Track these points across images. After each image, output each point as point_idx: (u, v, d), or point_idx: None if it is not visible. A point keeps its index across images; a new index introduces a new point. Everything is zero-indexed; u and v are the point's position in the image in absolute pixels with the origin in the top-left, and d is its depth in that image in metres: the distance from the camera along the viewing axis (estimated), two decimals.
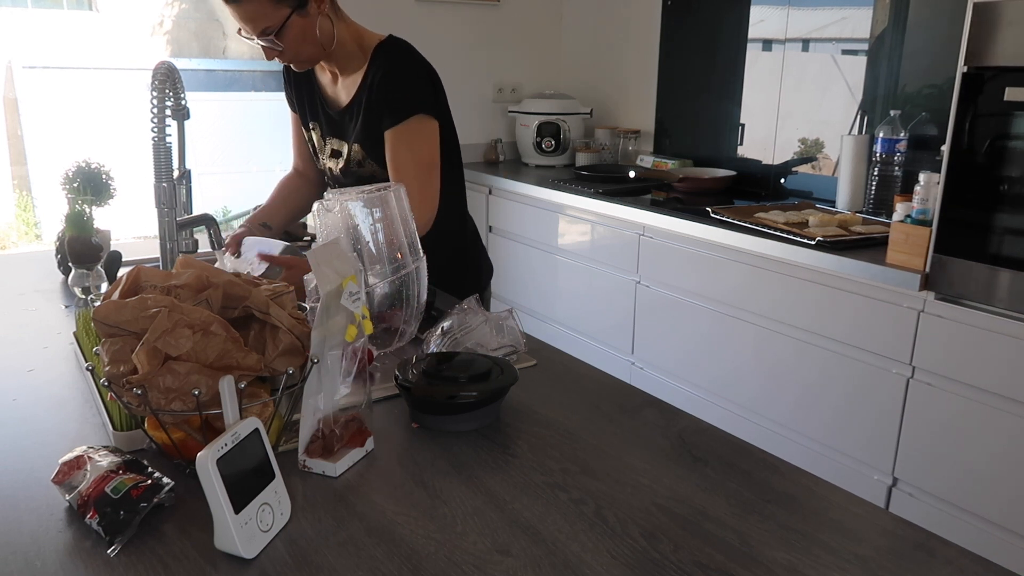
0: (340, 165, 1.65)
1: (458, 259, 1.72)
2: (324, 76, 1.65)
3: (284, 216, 1.78)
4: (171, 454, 0.88)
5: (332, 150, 1.65)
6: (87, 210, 1.51)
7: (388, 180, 1.55)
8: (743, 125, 2.91)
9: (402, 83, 1.51)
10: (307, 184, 1.81)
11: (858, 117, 2.50)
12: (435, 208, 1.55)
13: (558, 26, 3.73)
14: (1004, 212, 1.70)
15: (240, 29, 1.45)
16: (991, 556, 0.75)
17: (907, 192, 2.05)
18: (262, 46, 1.48)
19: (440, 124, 1.56)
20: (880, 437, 1.99)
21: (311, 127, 1.70)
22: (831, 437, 2.11)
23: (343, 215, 1.14)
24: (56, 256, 1.69)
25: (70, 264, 1.49)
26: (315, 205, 1.15)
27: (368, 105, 1.54)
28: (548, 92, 3.54)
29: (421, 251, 1.23)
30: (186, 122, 1.54)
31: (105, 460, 0.82)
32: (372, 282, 1.16)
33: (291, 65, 1.56)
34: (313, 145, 1.72)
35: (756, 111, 2.85)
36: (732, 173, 2.85)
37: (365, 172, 1.62)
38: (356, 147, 1.59)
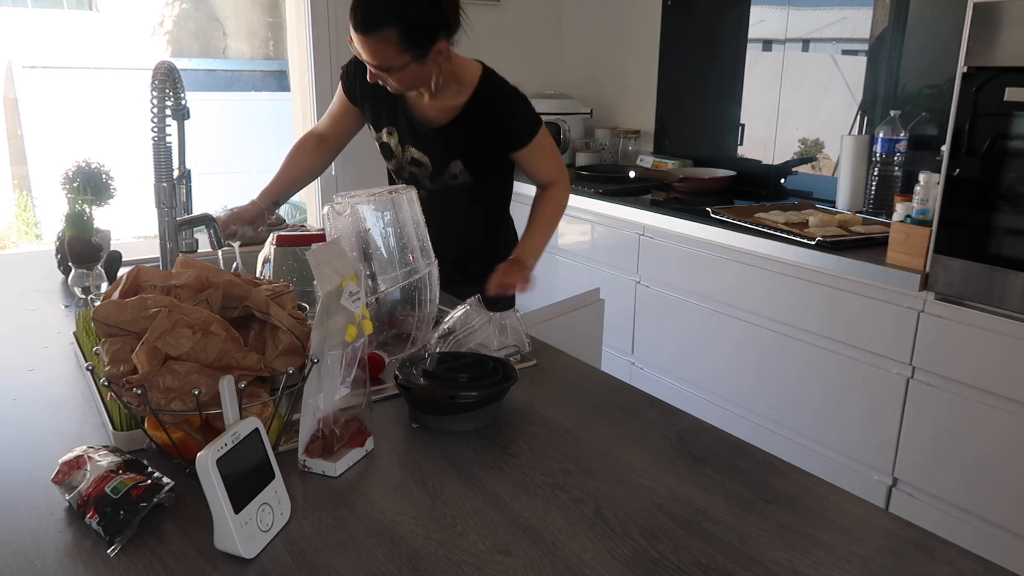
0: (427, 173, 1.71)
1: (494, 264, 1.72)
2: (412, 94, 1.66)
3: (294, 184, 1.81)
4: (171, 454, 0.88)
5: (413, 158, 1.71)
6: (87, 210, 1.51)
7: (473, 185, 1.70)
8: (743, 125, 2.91)
9: (523, 111, 1.66)
10: (323, 149, 1.82)
11: (858, 117, 2.50)
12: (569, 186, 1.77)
13: (558, 26, 3.73)
14: (1004, 212, 1.70)
15: (351, 41, 1.46)
16: (991, 556, 0.75)
17: (907, 192, 2.05)
18: (371, 71, 1.51)
19: None
20: (880, 437, 1.99)
21: (387, 130, 1.72)
22: (831, 437, 2.11)
23: (354, 218, 1.14)
24: (56, 256, 1.69)
25: (70, 264, 1.49)
26: (325, 208, 1.15)
27: (478, 126, 1.63)
28: (548, 92, 3.54)
29: (433, 255, 1.23)
30: (186, 122, 1.54)
31: (105, 460, 0.82)
32: (383, 287, 1.16)
33: (388, 87, 1.57)
34: (387, 148, 1.75)
35: (756, 111, 2.85)
36: (732, 173, 2.85)
37: (457, 183, 1.70)
38: (457, 163, 1.67)
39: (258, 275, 1.44)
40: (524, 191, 3.06)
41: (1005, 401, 1.73)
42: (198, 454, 0.72)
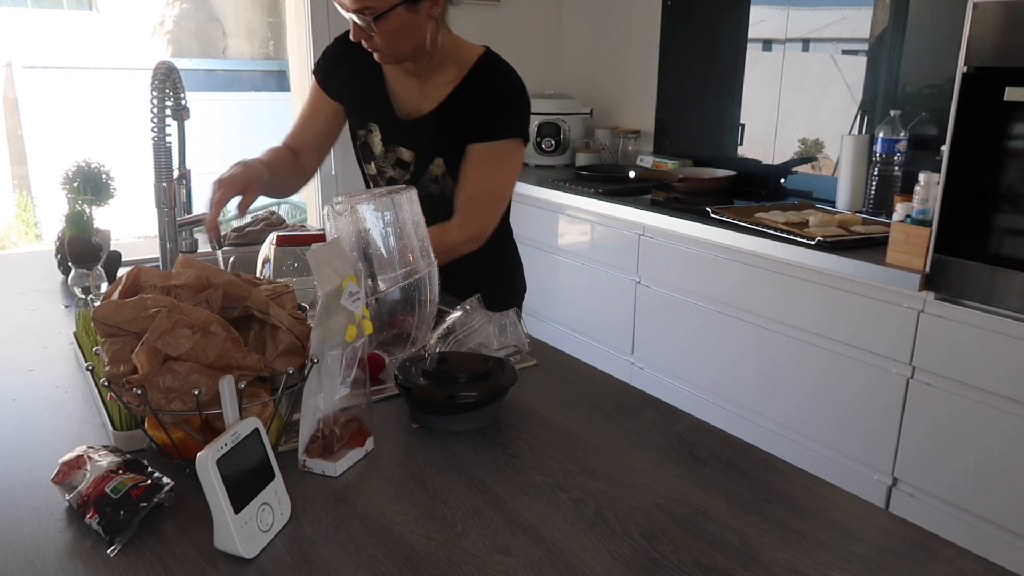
0: (407, 177, 1.54)
1: (493, 276, 1.65)
2: (399, 78, 1.53)
3: (271, 184, 1.49)
4: (171, 454, 0.88)
5: (398, 159, 1.54)
6: (87, 210, 1.51)
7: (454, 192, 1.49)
8: (743, 125, 2.91)
9: (512, 103, 1.45)
10: (295, 165, 1.60)
11: (858, 117, 2.50)
12: (481, 242, 1.48)
13: (558, 26, 3.73)
14: (1004, 212, 1.69)
15: None
16: (991, 556, 0.75)
17: (907, 192, 2.05)
18: (355, 23, 1.35)
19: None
20: (880, 437, 1.99)
21: (368, 127, 1.56)
22: (831, 437, 2.11)
23: (353, 219, 1.14)
24: (56, 256, 1.69)
25: (70, 264, 1.49)
26: (325, 208, 1.14)
27: (459, 115, 1.45)
28: (548, 92, 3.54)
29: (433, 255, 1.23)
30: (186, 122, 1.53)
31: (105, 460, 0.82)
32: (383, 287, 1.16)
33: (375, 55, 1.43)
34: (367, 148, 1.58)
35: (756, 111, 2.85)
36: (732, 173, 2.85)
37: (436, 191, 1.52)
38: (439, 161, 1.49)
39: (258, 275, 1.44)
40: (522, 191, 3.07)
41: (1005, 401, 1.73)
42: (198, 454, 0.72)
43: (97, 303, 1.30)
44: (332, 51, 1.60)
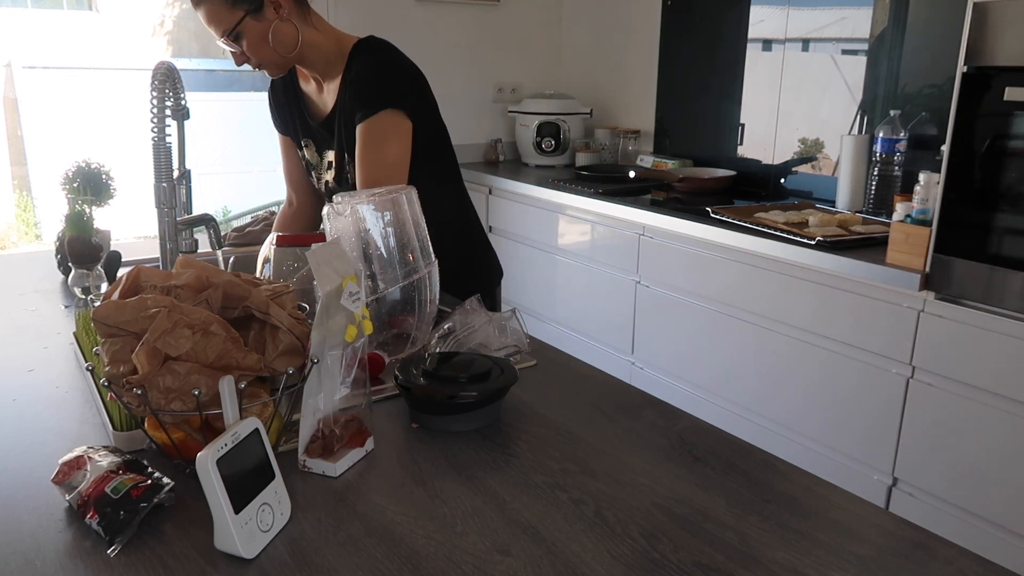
0: (335, 176, 1.61)
1: (462, 260, 1.68)
2: (309, 86, 1.62)
3: None
4: (171, 454, 0.88)
5: (328, 162, 1.61)
6: (87, 210, 1.51)
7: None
8: (743, 125, 2.91)
9: (375, 77, 1.47)
10: (302, 218, 1.77)
11: (858, 117, 2.50)
12: None
13: (558, 26, 3.73)
14: (1004, 212, 1.70)
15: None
16: (991, 556, 0.75)
17: (907, 192, 2.05)
18: (230, 52, 1.47)
19: (423, 122, 1.52)
20: (880, 437, 1.99)
21: (303, 144, 1.66)
22: (831, 437, 2.11)
23: (354, 219, 1.14)
24: (56, 256, 1.69)
25: (70, 264, 1.49)
26: (325, 209, 1.14)
27: (346, 105, 1.51)
28: (548, 92, 3.55)
29: (433, 255, 1.23)
30: (186, 122, 1.54)
31: (105, 460, 0.82)
32: (383, 287, 1.16)
33: (262, 70, 1.53)
34: (309, 164, 1.67)
35: (756, 111, 2.85)
36: (732, 173, 2.85)
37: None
38: (345, 155, 1.55)
39: (258, 275, 1.44)
40: (522, 191, 3.07)
41: (1005, 401, 1.73)
42: (198, 454, 0.72)
43: (97, 303, 1.31)
44: (270, 96, 1.71)
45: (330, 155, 1.61)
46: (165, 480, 0.81)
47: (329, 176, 1.63)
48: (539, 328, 3.13)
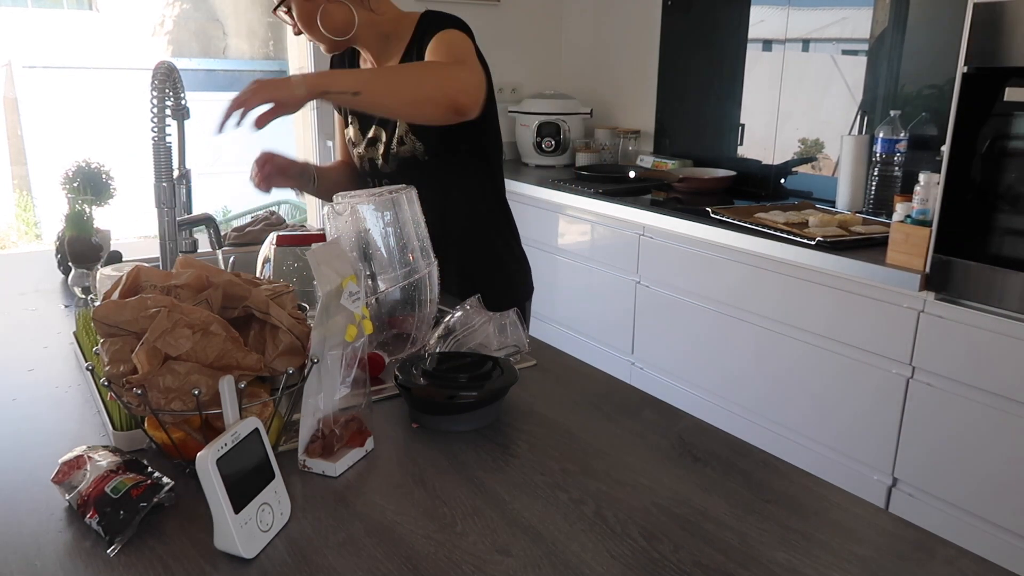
0: (381, 150, 1.60)
1: (493, 268, 1.67)
2: (366, 66, 1.61)
3: (335, 181, 1.68)
4: (171, 454, 0.88)
5: (371, 138, 1.61)
6: (87, 210, 1.51)
7: (428, 161, 1.53)
8: (743, 125, 2.91)
9: (447, 22, 1.45)
10: (350, 174, 1.74)
11: (858, 117, 2.50)
12: (479, 87, 1.39)
13: (558, 26, 3.73)
14: (1004, 212, 1.70)
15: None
16: (991, 556, 0.75)
17: (907, 192, 2.05)
18: (277, 11, 1.47)
19: (490, 98, 1.48)
20: (880, 437, 1.99)
21: (350, 122, 1.65)
22: (831, 437, 2.11)
23: (354, 218, 1.14)
24: (56, 256, 1.69)
25: (70, 264, 1.49)
26: (325, 209, 1.14)
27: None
28: (548, 92, 3.54)
29: (433, 255, 1.23)
30: (186, 122, 1.54)
31: (105, 460, 0.82)
32: (383, 287, 1.16)
33: (321, 47, 1.54)
34: (351, 141, 1.67)
35: (756, 111, 2.85)
36: (732, 173, 2.85)
37: (405, 151, 1.56)
38: (403, 125, 1.53)
39: (258, 275, 1.44)
40: (522, 191, 3.07)
41: (1005, 401, 1.73)
42: (198, 454, 0.72)
43: (97, 303, 1.31)
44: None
45: (374, 131, 1.61)
46: (165, 480, 0.81)
47: (374, 152, 1.62)
48: (539, 328, 3.13)
